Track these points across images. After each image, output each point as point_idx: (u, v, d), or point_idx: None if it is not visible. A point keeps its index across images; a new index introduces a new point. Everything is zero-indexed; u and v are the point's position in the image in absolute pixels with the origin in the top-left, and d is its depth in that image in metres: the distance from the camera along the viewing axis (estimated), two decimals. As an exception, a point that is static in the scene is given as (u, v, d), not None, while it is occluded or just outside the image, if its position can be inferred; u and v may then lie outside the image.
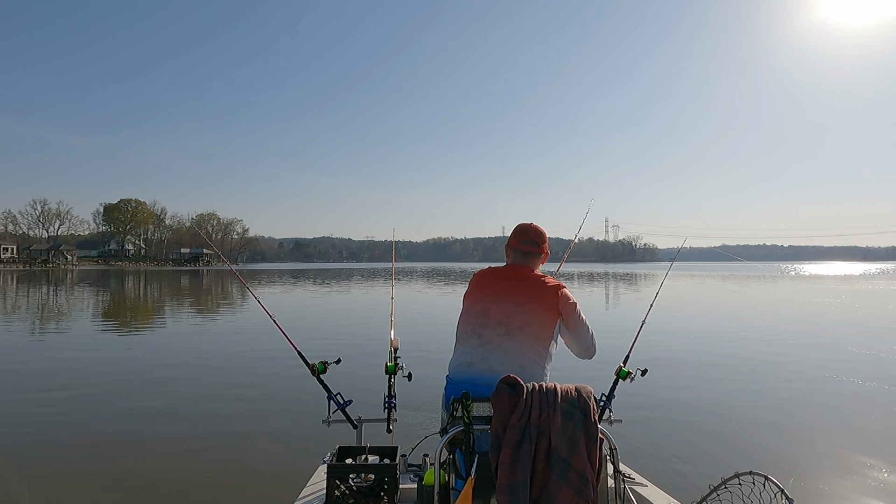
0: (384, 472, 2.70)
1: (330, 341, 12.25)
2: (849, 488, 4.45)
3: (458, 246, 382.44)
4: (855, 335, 13.83)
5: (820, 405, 7.15)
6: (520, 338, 2.58)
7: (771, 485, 2.29)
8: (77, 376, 8.71)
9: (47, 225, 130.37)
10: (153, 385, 8.14)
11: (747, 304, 24.15)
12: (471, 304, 2.77)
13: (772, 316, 19.11)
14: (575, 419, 2.13)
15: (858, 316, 18.99)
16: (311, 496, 2.98)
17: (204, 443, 5.62)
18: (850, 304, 23.60)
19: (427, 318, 17.62)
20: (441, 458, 2.28)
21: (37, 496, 4.35)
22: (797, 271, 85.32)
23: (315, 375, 3.27)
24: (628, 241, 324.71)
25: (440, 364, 2.69)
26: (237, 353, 11.05)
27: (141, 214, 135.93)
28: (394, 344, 3.44)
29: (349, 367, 8.35)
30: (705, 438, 5.82)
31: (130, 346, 12.28)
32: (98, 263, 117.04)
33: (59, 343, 12.64)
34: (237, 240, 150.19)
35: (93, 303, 24.78)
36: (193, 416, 6.57)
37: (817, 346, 11.85)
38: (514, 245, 2.88)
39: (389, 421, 3.21)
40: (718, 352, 11.15)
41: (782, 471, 4.66)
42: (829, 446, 5.48)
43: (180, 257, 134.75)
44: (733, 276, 58.69)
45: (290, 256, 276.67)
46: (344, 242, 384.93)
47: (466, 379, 2.53)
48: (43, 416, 6.51)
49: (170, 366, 9.68)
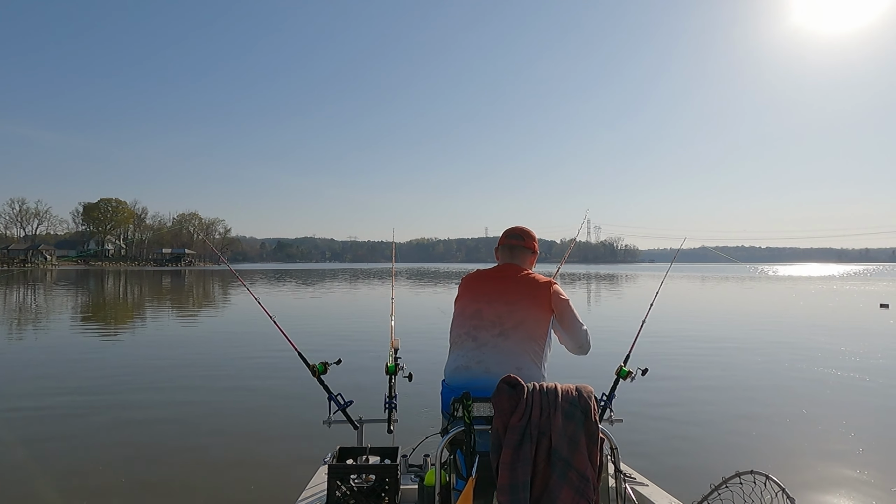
0: (385, 473, 2.70)
1: (330, 342, 12.21)
2: (849, 487, 4.47)
3: (442, 247, 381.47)
4: (854, 335, 14.07)
5: (821, 404, 7.18)
6: (515, 337, 2.54)
7: (772, 484, 2.29)
8: (74, 378, 8.60)
9: (25, 224, 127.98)
10: (152, 386, 8.07)
11: (743, 304, 24.41)
12: (463, 306, 2.73)
13: (770, 316, 19.34)
14: (576, 419, 2.12)
15: (855, 316, 19.33)
16: (312, 497, 2.97)
17: (204, 443, 5.59)
18: (841, 305, 23.98)
19: (427, 318, 17.59)
20: (442, 458, 2.27)
21: (37, 495, 4.32)
22: (775, 272, 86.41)
23: (315, 376, 3.26)
24: (609, 243, 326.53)
25: (440, 364, 2.68)
26: (237, 353, 10.98)
27: (121, 214, 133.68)
28: (394, 344, 3.43)
29: (350, 368, 8.38)
30: (706, 438, 5.84)
31: (126, 347, 12.10)
32: (77, 263, 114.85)
33: (47, 345, 12.36)
34: (219, 240, 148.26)
35: (82, 304, 24.33)
36: (193, 417, 6.53)
37: (816, 346, 12.00)
38: (501, 243, 2.90)
39: (390, 421, 3.20)
40: (718, 352, 11.26)
41: (784, 470, 4.72)
42: (830, 445, 5.51)
43: (162, 257, 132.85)
44: (712, 277, 59.36)
45: (273, 257, 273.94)
46: (326, 243, 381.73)
47: (463, 383, 2.48)
48: (42, 416, 6.46)
49: (168, 367, 9.59)
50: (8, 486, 4.49)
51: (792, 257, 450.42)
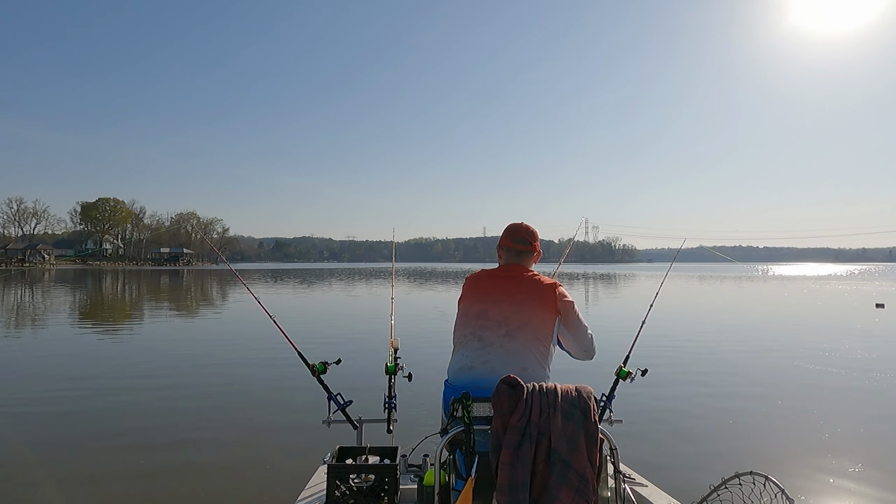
0: (384, 473, 2.70)
1: (329, 341, 12.20)
2: (849, 488, 4.47)
3: (440, 246, 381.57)
4: (853, 335, 14.10)
5: (820, 405, 7.17)
6: (521, 338, 2.51)
7: (771, 485, 2.30)
8: (73, 378, 8.58)
9: (23, 224, 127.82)
10: (151, 385, 8.07)
11: (741, 305, 24.44)
12: (468, 306, 2.70)
13: (768, 316, 19.35)
14: (575, 419, 2.12)
15: (852, 316, 19.36)
16: (311, 497, 2.97)
17: (203, 443, 5.59)
18: (838, 305, 24.03)
19: (426, 318, 17.58)
20: (441, 458, 2.26)
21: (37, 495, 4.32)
22: (773, 272, 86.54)
23: (315, 376, 3.25)
24: (607, 242, 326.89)
25: (441, 364, 2.67)
26: (236, 352, 10.97)
27: (119, 214, 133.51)
28: (394, 344, 3.42)
29: (349, 368, 8.39)
30: (705, 438, 5.83)
31: (125, 347, 12.08)
32: (75, 263, 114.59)
33: (47, 345, 12.32)
34: (216, 239, 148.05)
35: (82, 303, 24.27)
36: (192, 416, 6.52)
37: (814, 346, 12.01)
38: (506, 245, 2.83)
39: (390, 421, 3.20)
40: (718, 352, 11.26)
41: (783, 471, 4.71)
42: (830, 446, 5.51)
43: (159, 257, 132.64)
44: (710, 277, 59.41)
45: (271, 256, 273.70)
46: (325, 242, 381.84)
47: (467, 383, 2.46)
48: (41, 417, 6.45)
49: (167, 366, 9.58)
50: (9, 487, 4.49)
51: (789, 257, 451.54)
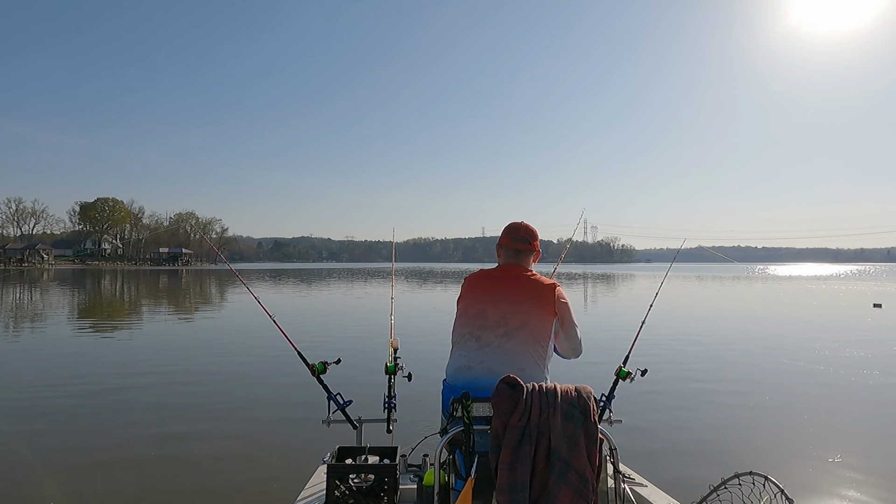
0: (384, 473, 2.70)
1: (329, 341, 12.20)
2: (848, 488, 4.48)
3: (439, 246, 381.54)
4: (850, 335, 14.13)
5: (820, 404, 7.19)
6: (519, 338, 2.51)
7: (771, 485, 2.29)
8: (73, 377, 8.58)
9: (22, 224, 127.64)
10: (150, 385, 8.06)
11: (740, 305, 24.47)
12: (466, 306, 2.69)
13: (767, 316, 19.38)
14: (575, 419, 2.12)
15: (850, 316, 19.41)
16: (311, 496, 2.97)
17: (203, 443, 5.59)
18: (836, 305, 24.07)
19: (426, 318, 17.57)
20: (441, 458, 2.26)
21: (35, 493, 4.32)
22: (771, 272, 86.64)
23: (315, 375, 3.26)
24: (606, 242, 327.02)
25: (441, 364, 2.67)
26: (236, 352, 10.97)
27: (118, 213, 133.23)
28: (394, 344, 3.42)
29: (349, 368, 8.36)
30: (705, 439, 5.84)
31: (124, 346, 12.07)
32: (74, 263, 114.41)
33: (46, 344, 12.29)
34: (215, 239, 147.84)
35: (80, 302, 24.26)
36: (192, 416, 6.53)
37: (813, 346, 12.04)
38: (505, 244, 2.82)
39: (389, 421, 3.21)
40: (717, 352, 11.28)
41: (782, 471, 4.71)
42: (829, 446, 5.51)
43: (158, 257, 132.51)
44: (709, 277, 59.48)
45: (269, 256, 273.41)
46: (324, 242, 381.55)
47: (465, 383, 2.45)
48: (40, 417, 6.44)
49: (167, 365, 9.58)
50: (11, 482, 4.50)
51: (788, 257, 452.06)
